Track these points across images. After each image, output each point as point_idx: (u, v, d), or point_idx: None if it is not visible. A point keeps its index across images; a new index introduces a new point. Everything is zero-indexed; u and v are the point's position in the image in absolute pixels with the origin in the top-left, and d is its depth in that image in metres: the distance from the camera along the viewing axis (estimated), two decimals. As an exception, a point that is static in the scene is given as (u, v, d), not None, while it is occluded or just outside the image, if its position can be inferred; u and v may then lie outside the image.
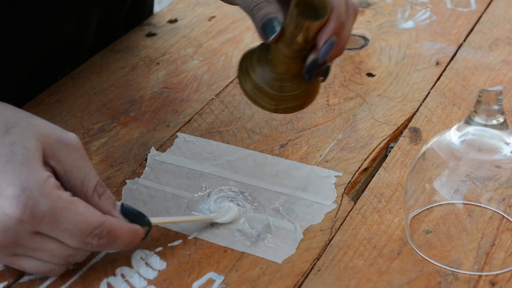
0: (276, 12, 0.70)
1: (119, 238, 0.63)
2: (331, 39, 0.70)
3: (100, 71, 0.96)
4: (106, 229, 0.62)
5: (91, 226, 0.61)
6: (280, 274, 0.66)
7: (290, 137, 0.84)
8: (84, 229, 0.61)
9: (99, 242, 0.62)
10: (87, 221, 0.61)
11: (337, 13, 0.69)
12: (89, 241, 0.62)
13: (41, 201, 0.60)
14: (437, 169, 0.68)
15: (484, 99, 0.63)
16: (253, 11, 0.72)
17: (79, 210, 0.61)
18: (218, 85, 0.93)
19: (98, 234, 0.62)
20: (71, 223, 0.61)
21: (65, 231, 0.61)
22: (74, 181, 0.63)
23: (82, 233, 0.61)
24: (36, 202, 0.60)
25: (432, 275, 0.66)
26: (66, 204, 0.61)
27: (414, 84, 0.93)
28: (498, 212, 0.71)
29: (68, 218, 0.61)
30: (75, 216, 0.61)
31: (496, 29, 1.04)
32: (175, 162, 0.80)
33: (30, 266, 0.64)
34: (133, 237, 0.64)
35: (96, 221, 0.62)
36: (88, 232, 0.61)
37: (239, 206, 0.74)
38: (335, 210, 0.73)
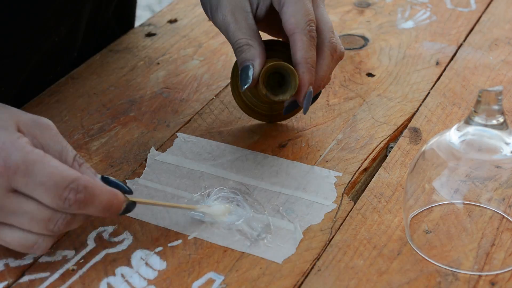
0: (255, 58, 0.75)
1: (96, 196, 0.62)
2: (309, 90, 0.75)
3: (100, 71, 0.96)
4: (82, 183, 0.61)
5: (66, 179, 0.61)
6: (280, 274, 0.66)
7: (290, 137, 0.84)
8: (59, 181, 0.61)
9: (77, 197, 0.61)
10: (61, 174, 0.61)
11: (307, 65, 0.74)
12: (66, 195, 0.61)
13: (13, 152, 0.60)
14: (437, 169, 0.68)
15: (484, 99, 0.63)
16: (236, 52, 0.76)
17: (53, 163, 0.61)
18: (218, 85, 0.93)
19: (75, 188, 0.61)
20: (46, 175, 0.60)
21: (40, 185, 0.60)
22: (53, 154, 0.63)
23: (57, 186, 0.61)
24: (8, 154, 0.60)
25: (432, 275, 0.66)
26: (39, 156, 0.61)
27: (414, 84, 0.93)
28: (498, 212, 0.71)
29: (42, 170, 0.60)
30: (49, 168, 0.61)
31: (496, 29, 1.04)
32: (175, 162, 0.80)
33: (12, 237, 0.63)
34: (112, 198, 0.63)
35: (71, 174, 0.61)
36: (64, 185, 0.61)
37: (238, 207, 0.74)
38: (335, 210, 0.73)
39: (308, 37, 0.74)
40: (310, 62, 0.74)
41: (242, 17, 0.77)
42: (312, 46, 0.75)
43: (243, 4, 0.77)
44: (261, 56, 0.75)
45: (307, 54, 0.74)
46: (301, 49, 0.74)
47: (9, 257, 0.68)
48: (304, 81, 0.74)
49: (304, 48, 0.74)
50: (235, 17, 0.76)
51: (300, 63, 0.74)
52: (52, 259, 0.68)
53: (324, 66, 0.76)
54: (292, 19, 0.75)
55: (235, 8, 0.77)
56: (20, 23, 0.85)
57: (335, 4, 1.11)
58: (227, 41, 0.78)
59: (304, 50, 0.74)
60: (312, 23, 0.75)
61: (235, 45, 0.76)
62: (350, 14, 1.09)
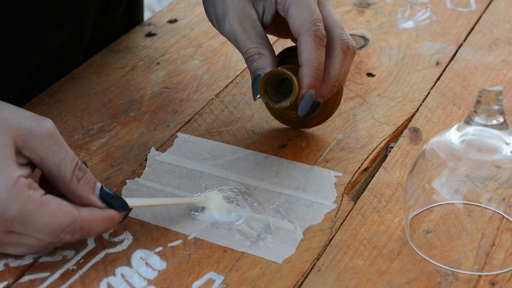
0: (266, 67, 0.75)
1: (93, 229, 0.64)
2: (308, 93, 0.74)
3: (100, 71, 0.96)
4: (79, 225, 0.63)
5: (62, 225, 0.62)
6: (280, 274, 0.66)
7: (290, 137, 0.84)
8: (55, 228, 0.62)
9: (73, 237, 0.63)
10: (58, 220, 0.62)
11: (309, 67, 0.74)
12: (63, 237, 0.63)
13: (9, 205, 0.61)
14: (437, 169, 0.68)
15: (484, 99, 0.63)
16: (247, 62, 0.76)
17: (49, 210, 0.62)
18: (218, 85, 0.93)
19: (71, 231, 0.63)
20: (42, 224, 0.62)
21: (37, 231, 0.62)
22: (51, 167, 0.63)
23: (54, 232, 0.62)
24: (4, 207, 0.61)
25: (432, 275, 0.66)
26: (35, 206, 0.61)
27: (414, 84, 0.93)
28: (498, 212, 0.71)
29: (38, 220, 0.61)
30: (45, 217, 0.62)
31: (496, 29, 1.04)
32: (175, 162, 0.80)
33: (16, 252, 0.65)
34: (108, 225, 0.65)
35: (67, 220, 0.62)
36: (61, 230, 0.62)
37: (238, 206, 0.74)
38: (335, 210, 0.73)
39: (313, 37, 0.74)
40: (314, 64, 0.74)
41: (250, 25, 0.76)
42: (318, 47, 0.74)
43: (249, 12, 0.77)
44: (272, 64, 0.75)
45: (311, 55, 0.74)
46: (305, 50, 0.74)
47: (9, 257, 0.68)
48: (303, 83, 0.74)
49: (308, 49, 0.74)
50: (243, 26, 0.76)
51: (302, 65, 0.74)
52: (52, 259, 0.68)
53: (336, 64, 0.75)
54: (296, 21, 0.74)
55: (242, 17, 0.76)
56: (20, 26, 0.85)
57: (335, 4, 1.11)
58: (228, 41, 0.78)
59: (308, 52, 0.74)
60: (318, 22, 0.74)
61: (246, 55, 0.76)
62: (350, 14, 1.09)
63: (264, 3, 0.77)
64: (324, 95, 0.76)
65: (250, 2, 0.77)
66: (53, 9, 0.87)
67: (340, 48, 0.76)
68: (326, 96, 0.76)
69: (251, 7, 0.77)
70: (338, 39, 0.76)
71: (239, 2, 0.77)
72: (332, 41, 0.76)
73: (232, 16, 0.77)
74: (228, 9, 0.77)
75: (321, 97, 0.76)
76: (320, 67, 0.74)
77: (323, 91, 0.76)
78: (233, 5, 0.77)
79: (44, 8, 0.86)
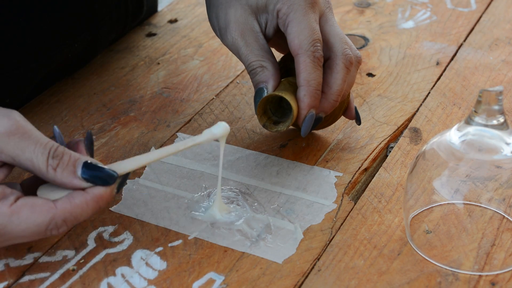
0: (268, 80, 0.75)
1: (78, 216, 0.62)
2: (309, 113, 0.75)
3: (100, 71, 0.96)
4: (60, 218, 0.61)
5: (42, 225, 0.61)
6: (280, 274, 0.66)
7: (291, 137, 0.84)
8: (36, 230, 0.61)
9: (60, 231, 0.62)
10: (35, 223, 0.61)
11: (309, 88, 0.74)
12: (49, 233, 0.62)
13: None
14: (437, 169, 0.68)
15: (484, 99, 0.63)
16: (250, 75, 0.76)
17: (23, 217, 0.61)
18: (218, 85, 0.93)
19: (54, 226, 0.61)
20: (20, 231, 0.61)
21: (19, 237, 0.62)
22: (25, 164, 0.62)
23: (36, 233, 0.61)
24: None
25: (432, 275, 0.66)
26: (6, 218, 0.61)
27: (414, 84, 0.93)
28: (499, 212, 0.71)
29: (14, 229, 0.61)
30: (21, 224, 0.61)
31: (496, 29, 1.04)
32: (175, 162, 0.80)
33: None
34: (96, 205, 0.62)
35: (45, 219, 0.61)
36: (43, 230, 0.61)
37: (238, 206, 0.74)
38: (335, 210, 0.73)
39: (311, 58, 0.74)
40: (313, 84, 0.74)
41: (253, 38, 0.76)
42: (316, 67, 0.74)
43: (251, 24, 0.77)
44: (274, 78, 0.75)
45: (309, 76, 0.74)
46: (304, 71, 0.74)
47: (9, 257, 0.68)
48: (304, 104, 0.74)
49: (307, 70, 0.74)
50: (245, 40, 0.76)
51: (301, 85, 0.74)
52: (52, 259, 0.68)
53: (338, 80, 0.75)
54: (296, 40, 0.74)
55: (245, 29, 0.76)
56: (30, 38, 0.84)
57: (335, 4, 1.11)
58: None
59: (307, 72, 0.74)
60: (317, 42, 0.74)
61: (249, 68, 0.76)
62: (351, 14, 1.09)
63: (267, 15, 0.77)
64: (326, 110, 0.76)
65: (253, 14, 0.77)
66: (65, 22, 0.87)
67: (342, 63, 0.76)
68: (328, 111, 0.77)
69: (253, 19, 0.77)
70: (341, 54, 0.76)
71: (242, 14, 0.77)
72: (335, 57, 0.76)
73: (234, 28, 0.76)
74: (230, 21, 0.77)
75: (322, 112, 0.76)
76: (319, 87, 0.74)
77: (325, 106, 0.76)
78: (235, 18, 0.77)
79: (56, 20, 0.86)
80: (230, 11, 0.77)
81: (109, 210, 0.73)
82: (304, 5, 0.75)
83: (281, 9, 0.75)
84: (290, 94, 0.74)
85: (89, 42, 0.92)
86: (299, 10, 0.75)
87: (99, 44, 0.95)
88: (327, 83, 0.75)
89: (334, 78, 0.75)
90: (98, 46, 0.95)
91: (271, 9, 0.76)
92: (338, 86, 0.75)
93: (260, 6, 0.76)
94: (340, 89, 0.76)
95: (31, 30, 0.84)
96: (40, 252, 0.68)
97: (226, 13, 0.77)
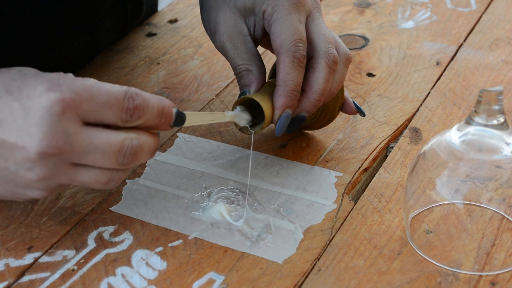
0: (251, 84, 0.75)
1: (148, 100, 0.64)
2: (284, 113, 0.74)
3: (100, 71, 0.96)
4: (134, 91, 0.63)
5: (121, 91, 0.63)
6: (281, 274, 0.66)
7: (291, 137, 0.84)
8: (117, 94, 0.62)
9: (134, 103, 0.63)
10: (116, 87, 0.63)
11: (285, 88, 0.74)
12: (126, 105, 0.63)
13: (71, 83, 0.61)
14: (437, 169, 0.68)
15: (484, 99, 0.63)
16: (236, 78, 0.77)
17: (105, 84, 0.63)
18: (218, 85, 0.93)
19: (131, 97, 0.63)
20: (105, 93, 0.62)
21: (104, 104, 0.62)
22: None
23: (117, 99, 0.62)
24: (68, 85, 0.61)
25: (433, 275, 0.66)
26: (92, 81, 0.62)
27: (415, 84, 0.93)
28: (499, 212, 0.71)
29: (100, 90, 0.62)
30: (105, 87, 0.62)
31: (496, 29, 1.04)
32: (175, 162, 0.80)
33: (88, 177, 0.64)
34: (161, 102, 0.65)
35: (122, 87, 0.63)
36: (122, 96, 0.63)
37: (239, 207, 0.74)
38: (335, 210, 0.73)
39: (291, 58, 0.73)
40: (290, 84, 0.73)
41: (241, 41, 0.76)
42: (296, 67, 0.74)
43: (240, 27, 0.77)
44: (257, 82, 0.75)
45: (287, 76, 0.73)
46: (282, 71, 0.74)
47: (9, 257, 0.68)
48: (278, 104, 0.74)
49: (285, 70, 0.73)
50: (233, 43, 0.76)
51: (278, 85, 0.74)
52: (52, 259, 0.68)
53: (319, 79, 0.75)
54: (277, 40, 0.74)
55: (233, 32, 0.76)
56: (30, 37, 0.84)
57: (335, 4, 1.11)
58: None
59: (285, 72, 0.73)
60: (298, 42, 0.74)
61: (235, 71, 0.76)
62: (350, 14, 1.09)
63: (254, 18, 0.77)
64: (308, 109, 0.76)
65: (241, 17, 0.77)
66: (65, 22, 0.87)
67: (324, 62, 0.75)
68: (311, 110, 0.76)
69: (242, 22, 0.77)
70: (323, 53, 0.75)
71: (231, 17, 0.77)
72: (317, 56, 0.76)
73: (223, 32, 0.77)
74: (219, 24, 0.77)
75: (305, 111, 0.76)
76: (297, 88, 0.74)
77: (306, 105, 0.75)
78: (224, 21, 0.77)
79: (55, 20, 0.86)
80: (220, 14, 0.77)
81: (109, 210, 0.73)
82: (288, 5, 0.75)
83: (266, 10, 0.76)
84: (266, 96, 0.74)
85: (89, 42, 0.92)
86: (282, 10, 0.75)
87: (99, 44, 0.95)
88: (309, 82, 0.75)
89: (315, 77, 0.75)
90: (98, 46, 0.95)
91: (258, 10, 0.76)
92: (320, 85, 0.75)
93: (248, 8, 0.77)
94: (321, 88, 0.75)
95: (31, 30, 0.84)
96: (40, 252, 0.68)
97: (216, 16, 0.78)
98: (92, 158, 0.63)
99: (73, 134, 0.61)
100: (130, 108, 0.63)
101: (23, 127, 0.61)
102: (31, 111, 0.60)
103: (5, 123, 0.61)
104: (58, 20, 0.87)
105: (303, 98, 0.75)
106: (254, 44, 0.77)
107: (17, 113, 0.61)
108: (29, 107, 0.60)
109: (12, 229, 0.71)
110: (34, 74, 0.62)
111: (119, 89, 0.63)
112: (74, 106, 0.61)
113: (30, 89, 0.61)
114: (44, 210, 0.73)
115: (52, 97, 0.60)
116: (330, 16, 1.08)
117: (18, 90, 0.61)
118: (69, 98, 0.60)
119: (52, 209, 0.73)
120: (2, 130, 0.61)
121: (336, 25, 1.05)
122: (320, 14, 0.78)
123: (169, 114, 0.66)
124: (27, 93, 0.61)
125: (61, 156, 0.61)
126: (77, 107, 0.61)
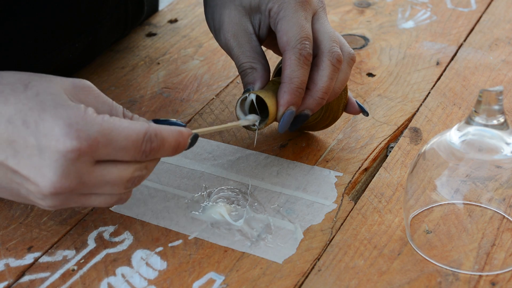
0: (255, 81, 0.75)
1: (166, 139, 0.64)
2: (288, 110, 0.74)
3: (100, 71, 0.96)
4: (153, 131, 0.63)
5: (140, 134, 0.63)
6: (281, 274, 0.66)
7: (291, 137, 0.84)
8: (135, 139, 0.62)
9: (152, 146, 0.63)
10: (135, 131, 0.63)
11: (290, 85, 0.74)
12: (143, 148, 0.63)
13: (89, 129, 0.61)
14: (437, 169, 0.68)
15: (484, 99, 0.63)
16: (241, 76, 0.77)
17: (124, 125, 0.62)
18: (218, 85, 0.93)
19: (149, 139, 0.63)
20: (123, 138, 0.62)
21: (121, 149, 0.62)
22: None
23: (135, 144, 0.63)
24: (86, 131, 0.61)
25: (433, 275, 0.66)
26: (111, 124, 0.62)
27: (415, 84, 0.93)
28: (499, 212, 0.71)
29: (119, 135, 0.62)
30: (124, 131, 0.62)
31: (496, 29, 1.04)
32: (175, 162, 0.80)
33: (98, 202, 0.65)
34: (178, 137, 0.65)
35: (141, 128, 0.63)
36: (141, 141, 0.63)
37: (239, 207, 0.74)
38: (335, 210, 0.73)
39: (297, 55, 0.73)
40: (295, 82, 0.73)
41: (245, 39, 0.76)
42: (301, 65, 0.74)
43: (245, 25, 0.77)
44: (262, 79, 0.75)
45: (292, 73, 0.73)
46: (288, 68, 0.74)
47: (9, 257, 0.68)
48: (283, 101, 0.74)
49: (291, 67, 0.74)
50: (238, 41, 0.76)
51: (283, 82, 0.74)
52: (52, 259, 0.68)
53: (323, 77, 0.75)
54: (284, 37, 0.74)
55: (238, 30, 0.76)
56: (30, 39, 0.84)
57: (335, 4, 1.11)
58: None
59: (290, 69, 0.74)
60: (305, 40, 0.74)
61: (239, 69, 0.76)
62: (351, 14, 1.09)
63: (260, 16, 0.77)
64: (312, 107, 0.76)
65: (247, 15, 0.77)
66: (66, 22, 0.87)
67: (328, 60, 0.75)
68: (314, 108, 0.76)
69: (247, 20, 0.77)
70: (328, 51, 0.75)
71: (236, 15, 0.77)
72: (322, 54, 0.76)
73: (227, 30, 0.77)
74: (224, 22, 0.77)
75: (308, 109, 0.76)
76: (302, 85, 0.74)
77: (310, 103, 0.76)
78: (229, 19, 0.77)
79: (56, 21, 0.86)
80: (225, 12, 0.77)
81: (109, 210, 0.73)
82: (294, 3, 0.75)
83: (272, 8, 0.76)
84: (270, 93, 0.74)
85: (89, 43, 0.92)
86: (289, 8, 0.75)
87: (99, 45, 0.95)
88: (313, 80, 0.75)
89: (319, 75, 0.75)
90: (98, 47, 0.95)
91: (263, 9, 0.76)
92: (324, 84, 0.75)
93: (253, 6, 0.77)
94: (325, 86, 0.75)
95: (31, 31, 0.84)
96: (40, 252, 0.68)
97: (220, 13, 0.78)
98: (103, 190, 0.64)
99: (86, 174, 0.62)
100: (146, 151, 0.63)
101: (37, 165, 0.61)
102: (47, 153, 0.60)
103: (20, 155, 0.61)
104: (60, 21, 0.87)
105: (307, 96, 0.75)
106: (258, 42, 0.77)
107: (32, 149, 0.61)
108: (45, 147, 0.60)
109: (12, 229, 0.71)
110: (52, 106, 0.61)
111: (138, 131, 0.63)
112: (90, 153, 0.61)
113: (47, 127, 0.60)
114: (44, 210, 0.73)
115: (68, 145, 0.60)
116: (330, 16, 1.08)
117: (35, 124, 0.61)
118: (86, 146, 0.61)
119: (52, 209, 0.73)
120: (16, 161, 0.61)
121: (336, 25, 1.05)
122: (325, 13, 0.79)
123: (184, 146, 0.66)
124: (44, 132, 0.60)
125: (73, 192, 0.62)
126: (93, 153, 0.61)
